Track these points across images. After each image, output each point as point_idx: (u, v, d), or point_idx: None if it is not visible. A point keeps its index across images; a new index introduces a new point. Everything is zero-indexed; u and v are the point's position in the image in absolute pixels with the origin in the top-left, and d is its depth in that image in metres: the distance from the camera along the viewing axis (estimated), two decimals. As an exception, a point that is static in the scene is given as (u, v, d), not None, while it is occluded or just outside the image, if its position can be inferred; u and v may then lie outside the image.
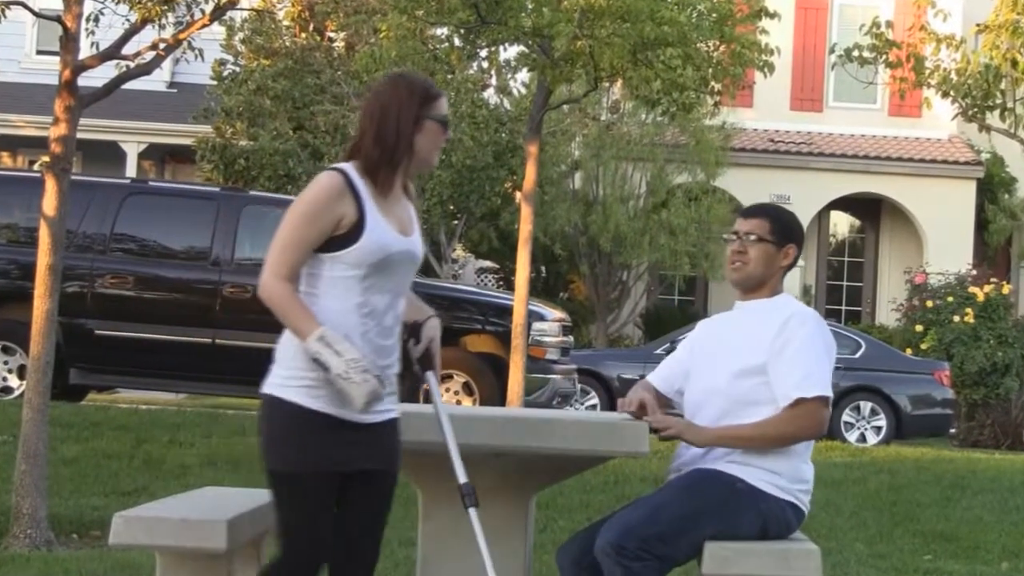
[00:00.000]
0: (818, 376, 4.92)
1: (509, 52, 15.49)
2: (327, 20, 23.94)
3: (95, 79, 8.64)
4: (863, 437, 18.13)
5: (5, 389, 13.86)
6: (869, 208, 28.92)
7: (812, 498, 5.12)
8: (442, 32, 15.49)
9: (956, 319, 21.49)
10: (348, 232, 4.21)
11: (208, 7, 9.20)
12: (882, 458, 13.31)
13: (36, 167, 21.51)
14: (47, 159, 8.43)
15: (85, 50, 8.47)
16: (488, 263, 28.59)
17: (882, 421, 18.32)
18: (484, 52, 15.61)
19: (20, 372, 13.47)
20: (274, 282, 4.18)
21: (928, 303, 21.98)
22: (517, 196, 22.94)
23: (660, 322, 25.93)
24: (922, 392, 18.67)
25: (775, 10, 14.85)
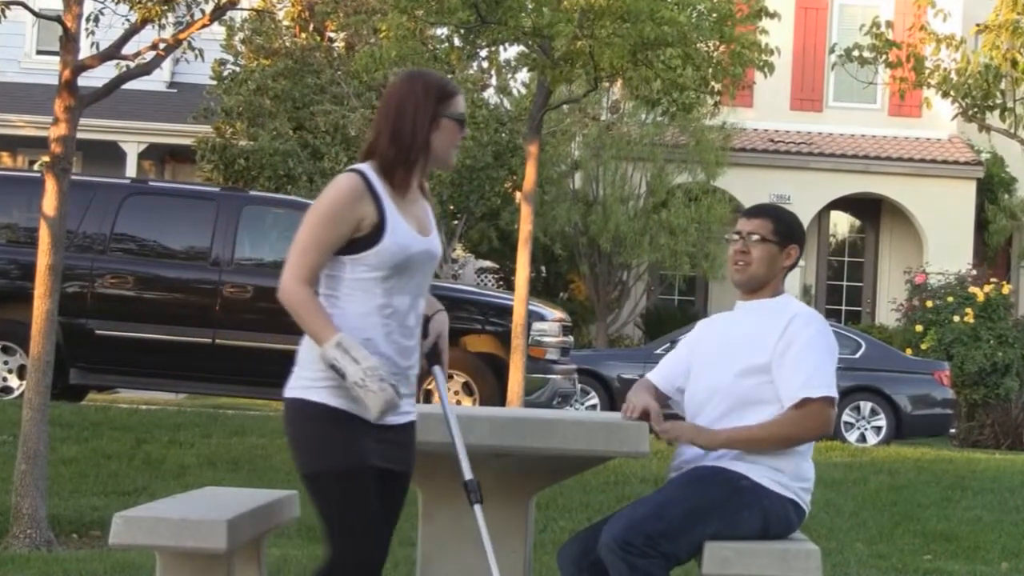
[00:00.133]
0: (823, 376, 4.92)
1: (509, 52, 15.51)
2: (327, 20, 23.91)
3: (95, 79, 8.65)
4: (863, 437, 18.13)
5: (5, 389, 13.85)
6: (869, 208, 28.89)
7: (812, 498, 5.12)
8: (442, 32, 15.47)
9: (956, 319, 21.47)
10: (369, 234, 4.15)
11: (208, 7, 9.20)
12: (882, 458, 13.29)
13: (36, 167, 21.54)
14: (47, 159, 8.43)
15: (85, 50, 8.47)
16: (488, 263, 28.57)
17: (882, 421, 18.31)
18: (484, 52, 15.59)
19: (20, 372, 13.47)
20: (293, 285, 4.11)
21: (928, 303, 21.95)
22: (517, 196, 22.95)
23: (660, 322, 25.92)
24: (922, 392, 18.66)
25: (775, 10, 14.86)
